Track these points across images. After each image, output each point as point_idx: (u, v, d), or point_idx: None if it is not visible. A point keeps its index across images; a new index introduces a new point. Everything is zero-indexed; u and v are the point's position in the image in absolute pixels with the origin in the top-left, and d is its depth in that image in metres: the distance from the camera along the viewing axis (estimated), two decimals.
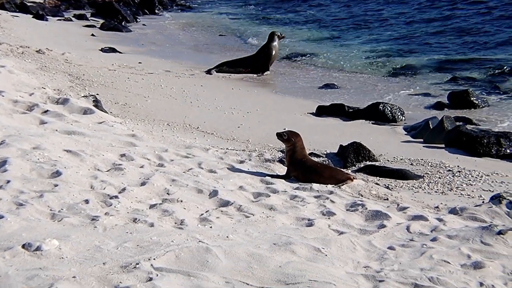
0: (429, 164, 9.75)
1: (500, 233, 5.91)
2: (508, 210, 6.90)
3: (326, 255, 5.28)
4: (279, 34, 18.77)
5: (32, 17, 26.13)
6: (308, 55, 21.39)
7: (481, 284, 4.85)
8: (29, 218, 5.46)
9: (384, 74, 18.48)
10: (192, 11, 35.43)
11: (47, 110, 9.58)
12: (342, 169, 8.95)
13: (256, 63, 18.14)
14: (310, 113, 13.45)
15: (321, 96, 15.31)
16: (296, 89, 16.51)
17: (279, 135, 8.64)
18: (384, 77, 18.16)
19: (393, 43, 23.57)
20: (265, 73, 18.09)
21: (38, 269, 4.31)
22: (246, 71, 17.99)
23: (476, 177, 9.05)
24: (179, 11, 35.39)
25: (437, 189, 8.52)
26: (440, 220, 6.70)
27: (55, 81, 13.28)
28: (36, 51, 16.77)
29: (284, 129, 9.37)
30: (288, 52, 22.22)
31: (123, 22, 27.85)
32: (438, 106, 14.27)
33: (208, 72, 17.60)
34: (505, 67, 18.10)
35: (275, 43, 18.41)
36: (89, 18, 28.23)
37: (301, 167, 8.38)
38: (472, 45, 22.20)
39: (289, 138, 8.53)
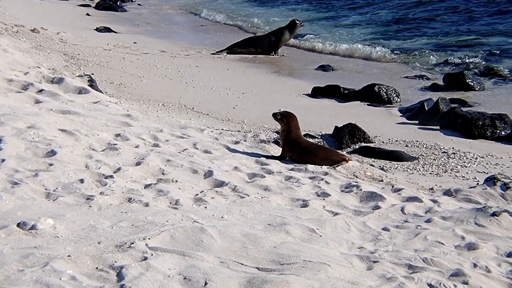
0: (424, 146, 9.76)
1: (494, 214, 5.93)
2: (502, 191, 6.92)
3: (321, 236, 5.29)
4: (298, 22, 18.78)
5: None
6: (304, 35, 21.32)
7: (475, 265, 4.86)
8: (24, 197, 5.45)
9: (380, 55, 18.44)
10: None
11: (42, 89, 9.55)
12: (337, 150, 8.95)
13: (267, 44, 18.18)
14: (306, 94, 13.43)
15: (316, 78, 15.29)
16: (291, 70, 16.50)
17: (274, 115, 8.65)
18: (380, 59, 18.13)
19: (389, 24, 23.53)
20: (274, 54, 18.14)
21: (33, 247, 4.31)
22: (257, 51, 18.04)
23: (470, 159, 9.07)
24: None
25: (432, 171, 8.54)
26: (434, 201, 6.72)
27: (50, 60, 13.22)
28: (31, 30, 16.69)
29: (279, 110, 9.35)
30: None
31: (118, 2, 27.70)
32: (434, 88, 14.26)
33: (218, 53, 17.61)
34: (501, 49, 18.10)
35: (289, 31, 18.45)
36: None
37: (296, 148, 8.37)
38: (469, 27, 22.17)
39: (282, 118, 8.53)
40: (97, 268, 4.13)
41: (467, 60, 17.22)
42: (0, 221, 4.76)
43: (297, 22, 18.75)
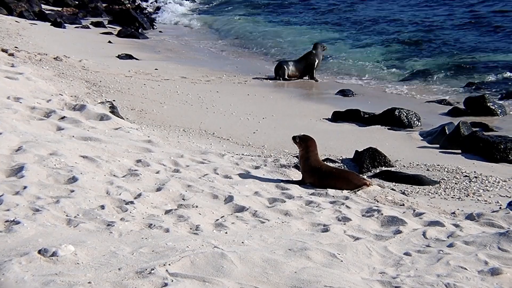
0: (446, 169, 9.69)
1: None
2: None
3: (342, 261, 5.26)
4: (322, 45, 18.94)
5: (50, 24, 26.34)
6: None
7: None
8: (45, 224, 5.49)
9: (398, 78, 18.42)
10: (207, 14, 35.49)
11: (64, 117, 9.65)
12: (358, 174, 8.92)
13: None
14: (326, 119, 13.43)
15: (336, 102, 15.28)
16: (311, 95, 16.53)
17: (293, 138, 8.66)
18: (399, 82, 18.09)
19: (406, 45, 23.47)
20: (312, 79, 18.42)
21: (53, 274, 4.33)
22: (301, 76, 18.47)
23: (493, 183, 8.98)
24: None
25: (454, 195, 8.46)
26: (456, 226, 6.66)
27: (72, 87, 13.37)
28: (54, 58, 16.91)
29: (299, 134, 9.36)
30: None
31: (139, 29, 27.99)
32: (454, 111, 14.18)
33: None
34: None
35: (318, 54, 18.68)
36: (106, 26, 28.39)
37: (316, 172, 8.35)
38: (488, 46, 22.07)
39: (301, 142, 8.53)
40: None
41: (488, 82, 17.12)
42: (21, 248, 4.80)
43: (321, 45, 18.90)
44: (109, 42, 23.72)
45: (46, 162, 7.22)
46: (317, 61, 18.53)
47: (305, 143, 8.52)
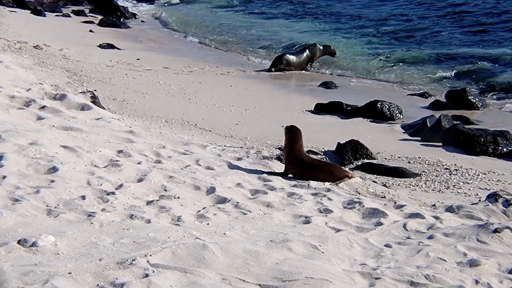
0: (427, 162, 9.76)
1: (496, 231, 5.92)
2: (504, 208, 6.91)
3: (323, 252, 5.27)
4: (320, 47, 19.02)
5: (30, 12, 26.09)
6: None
7: (477, 281, 4.85)
8: (25, 214, 5.44)
9: (381, 71, 18.48)
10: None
11: (44, 106, 9.57)
12: (340, 166, 8.93)
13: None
14: (309, 111, 13.45)
15: (319, 94, 15.31)
16: (294, 87, 16.53)
17: (284, 128, 8.61)
18: (381, 75, 18.16)
19: (390, 38, 23.55)
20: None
21: (33, 265, 4.29)
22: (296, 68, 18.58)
23: (473, 176, 9.06)
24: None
25: (434, 187, 8.53)
26: (436, 218, 6.71)
27: (52, 76, 13.26)
28: (34, 46, 16.75)
29: (282, 126, 9.36)
30: (286, 44, 22.30)
31: (121, 19, 27.81)
32: (436, 104, 14.27)
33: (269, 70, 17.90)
34: (505, 63, 18.11)
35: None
36: (88, 14, 28.19)
37: (299, 164, 8.34)
38: (472, 41, 22.20)
39: (286, 131, 8.50)
40: (98, 285, 4.12)
41: (470, 75, 17.24)
42: (1, 238, 4.75)
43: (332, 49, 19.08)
44: (90, 31, 23.54)
45: (26, 151, 7.14)
46: (317, 55, 18.69)
47: (290, 133, 8.49)
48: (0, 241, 4.68)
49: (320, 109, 13.46)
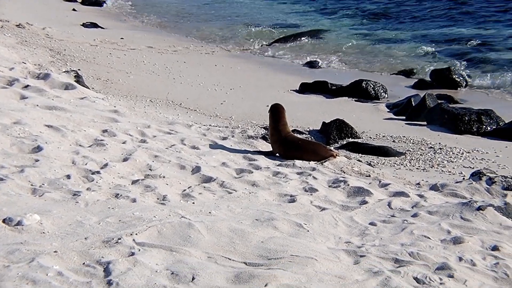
0: (411, 141, 9.80)
1: (479, 209, 5.97)
2: (488, 186, 6.96)
3: (308, 231, 5.29)
4: None
5: None
6: (293, 28, 21.40)
7: (460, 258, 4.89)
8: (9, 193, 5.41)
9: (367, 51, 18.47)
10: None
11: (28, 85, 9.48)
12: (325, 146, 8.94)
13: None
14: (293, 90, 13.45)
15: (304, 73, 15.30)
16: (279, 66, 16.48)
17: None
18: (367, 54, 18.16)
19: (375, 17, 23.55)
20: None
21: (19, 243, 4.27)
22: None
23: (457, 154, 9.12)
24: None
25: (419, 166, 8.58)
26: (421, 196, 6.75)
27: (35, 56, 13.14)
28: (16, 25, 16.57)
29: (267, 105, 9.35)
30: (272, 24, 22.21)
31: None
32: (421, 83, 14.32)
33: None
34: (488, 43, 18.18)
35: None
36: None
37: (283, 143, 8.33)
38: (456, 20, 22.24)
39: (270, 110, 8.48)
40: (84, 263, 4.11)
41: (455, 54, 17.29)
42: None
43: None
44: (73, 10, 23.34)
45: (10, 131, 7.09)
46: None
47: (273, 112, 8.47)
48: None
49: (305, 88, 13.46)
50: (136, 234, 4.64)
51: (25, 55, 12.79)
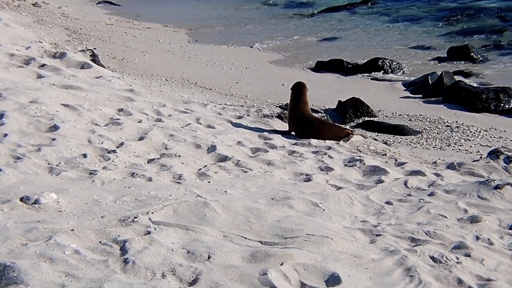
0: (428, 119, 9.73)
1: (497, 187, 5.93)
2: (506, 165, 6.89)
3: (324, 210, 5.28)
4: None
5: None
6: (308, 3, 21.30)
7: (477, 237, 4.86)
8: (27, 172, 5.44)
9: (383, 28, 18.28)
10: None
11: (44, 64, 9.51)
12: (340, 125, 8.89)
13: None
14: (309, 68, 13.37)
15: (320, 51, 15.19)
16: (294, 44, 16.37)
17: None
18: (383, 30, 17.97)
19: None
20: None
21: (36, 222, 4.30)
22: None
23: (474, 133, 9.04)
24: None
25: (435, 145, 8.52)
26: (437, 175, 6.71)
27: (51, 35, 13.16)
28: (32, 4, 16.59)
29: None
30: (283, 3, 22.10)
31: None
32: (438, 60, 14.17)
33: None
34: (506, 19, 17.93)
35: None
36: None
37: (300, 122, 8.28)
38: None
39: (291, 89, 8.44)
40: (100, 242, 4.13)
41: (473, 31, 17.05)
42: (3, 196, 4.76)
43: None
44: None
45: (27, 110, 7.12)
46: None
47: (293, 90, 8.43)
48: (2, 198, 4.69)
49: (320, 66, 13.38)
50: (152, 213, 4.65)
51: (41, 34, 12.82)
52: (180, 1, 23.02)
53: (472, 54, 14.04)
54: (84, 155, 6.15)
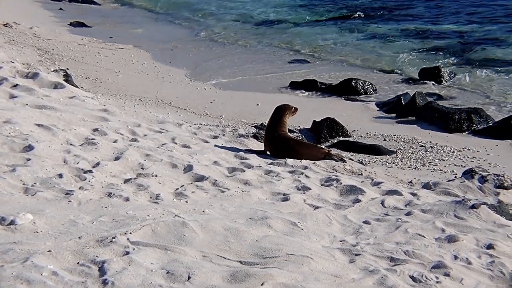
0: (402, 139, 9.81)
1: (473, 207, 5.98)
2: (480, 184, 6.97)
3: (302, 229, 5.27)
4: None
5: None
6: (279, 23, 21.44)
7: (456, 257, 4.89)
8: (1, 192, 5.34)
9: (354, 47, 18.40)
10: None
11: (17, 84, 9.39)
12: (317, 145, 8.91)
13: None
14: (283, 87, 13.42)
15: (293, 71, 15.27)
16: (268, 64, 16.42)
17: None
18: (355, 51, 18.08)
19: (363, 14, 23.58)
20: None
21: (12, 243, 4.22)
22: None
23: (448, 153, 9.13)
24: None
25: (410, 164, 8.58)
26: (414, 194, 6.75)
27: (23, 55, 13.04)
28: (3, 24, 16.43)
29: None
30: (258, 20, 22.21)
31: None
32: (409, 82, 14.33)
33: None
34: (476, 39, 18.22)
35: None
36: None
37: (276, 142, 8.28)
38: (443, 16, 22.30)
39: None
40: (78, 263, 4.06)
41: (443, 50, 17.29)
42: None
43: None
44: (60, 9, 23.18)
45: (1, 130, 7.01)
46: None
47: (275, 110, 8.50)
48: None
49: (294, 87, 13.44)
50: (130, 233, 4.59)
51: (13, 54, 12.69)
52: (153, 22, 23.04)
53: (443, 75, 14.23)
54: (60, 175, 6.07)
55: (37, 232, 4.52)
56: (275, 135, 8.31)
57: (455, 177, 7.70)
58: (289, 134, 8.77)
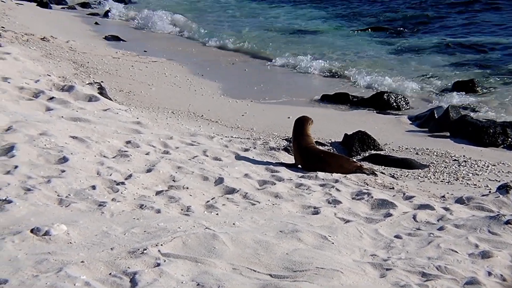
0: (435, 153, 9.73)
1: (508, 222, 5.89)
2: None
3: (333, 243, 5.26)
4: None
5: (36, 5, 26.11)
6: (309, 35, 21.52)
7: (489, 273, 4.83)
8: (37, 203, 5.45)
9: (388, 62, 18.27)
10: None
11: (53, 97, 9.57)
12: (349, 158, 8.84)
13: None
14: (315, 101, 13.43)
15: (324, 84, 15.26)
16: (299, 77, 16.42)
17: None
18: (388, 65, 17.94)
19: (393, 27, 23.47)
20: None
21: (47, 253, 4.30)
22: None
23: (482, 167, 9.03)
24: None
25: (443, 179, 8.50)
26: (446, 209, 6.69)
27: (60, 68, 13.26)
28: (41, 38, 16.74)
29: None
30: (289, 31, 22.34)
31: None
32: (443, 95, 14.19)
33: None
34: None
35: None
36: (92, 6, 28.14)
37: (306, 155, 8.29)
38: (478, 27, 22.08)
39: (295, 121, 8.50)
40: (110, 274, 4.13)
41: (478, 64, 17.06)
42: (14, 227, 4.77)
43: None
44: (96, 23, 23.52)
45: (37, 142, 7.16)
46: None
47: (296, 123, 8.49)
48: (13, 230, 4.70)
49: (326, 100, 13.44)
50: (161, 245, 4.65)
51: (49, 67, 12.91)
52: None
53: (478, 88, 14.08)
54: (93, 187, 6.17)
55: (70, 242, 4.60)
56: (305, 147, 8.32)
57: (489, 192, 7.61)
58: (318, 146, 8.77)
